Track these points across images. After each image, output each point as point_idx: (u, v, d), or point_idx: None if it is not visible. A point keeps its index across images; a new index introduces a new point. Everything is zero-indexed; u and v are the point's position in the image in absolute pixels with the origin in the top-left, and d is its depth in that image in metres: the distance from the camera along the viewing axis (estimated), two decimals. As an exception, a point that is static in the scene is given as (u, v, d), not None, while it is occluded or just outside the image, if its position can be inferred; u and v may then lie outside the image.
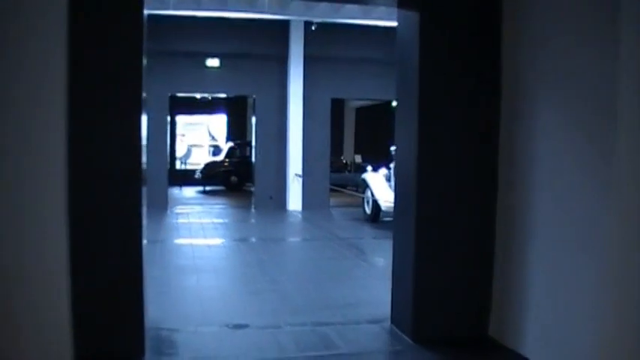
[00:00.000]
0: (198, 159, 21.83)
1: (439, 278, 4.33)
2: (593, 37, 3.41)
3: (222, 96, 19.26)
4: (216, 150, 21.21)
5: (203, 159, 20.98)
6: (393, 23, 5.42)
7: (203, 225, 10.83)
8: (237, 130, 22.32)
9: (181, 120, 23.46)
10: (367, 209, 11.50)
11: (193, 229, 10.37)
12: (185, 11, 10.82)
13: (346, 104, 20.30)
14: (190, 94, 17.62)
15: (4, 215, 3.50)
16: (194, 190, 18.20)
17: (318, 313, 5.06)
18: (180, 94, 15.14)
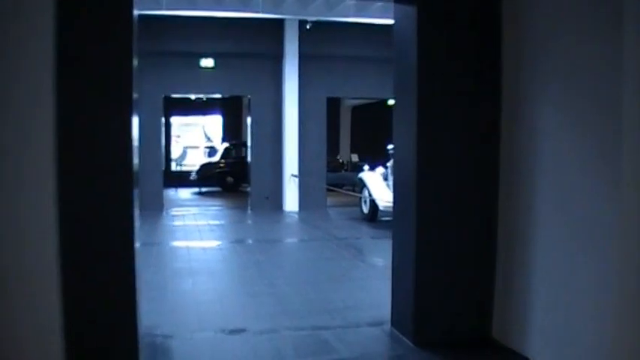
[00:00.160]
0: (194, 160, 21.75)
1: (440, 279, 4.26)
2: (595, 36, 3.36)
3: (217, 96, 19.17)
4: (212, 151, 21.12)
5: (198, 160, 20.90)
6: (388, 21, 5.35)
7: (199, 227, 10.73)
8: (232, 130, 22.28)
9: (176, 121, 23.39)
10: (365, 209, 11.44)
11: (189, 231, 10.28)
12: (178, 11, 10.76)
13: (342, 103, 20.27)
14: (185, 95, 17.53)
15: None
16: (190, 191, 18.11)
17: (316, 317, 4.97)
18: (174, 95, 15.07)
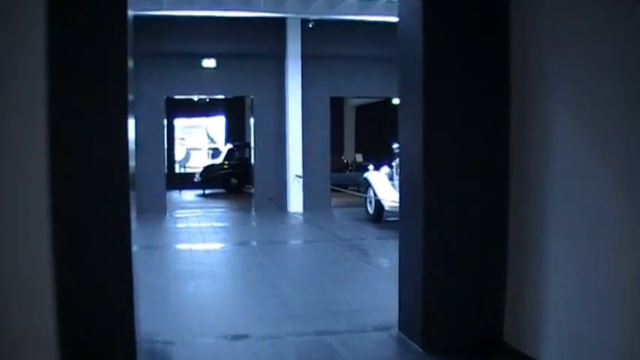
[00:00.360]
0: (198, 162, 21.66)
1: (449, 281, 4.13)
2: (608, 35, 3.25)
3: (219, 97, 19.06)
4: (215, 152, 21.05)
5: (202, 162, 20.82)
6: (391, 18, 5.22)
7: (202, 229, 10.62)
8: (235, 131, 22.19)
9: (180, 123, 23.31)
10: (370, 209, 11.31)
11: (192, 233, 10.17)
12: (179, 11, 10.67)
13: (346, 102, 20.13)
14: (187, 96, 17.43)
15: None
16: (193, 193, 18.01)
17: (321, 321, 4.85)
18: (176, 96, 14.97)
